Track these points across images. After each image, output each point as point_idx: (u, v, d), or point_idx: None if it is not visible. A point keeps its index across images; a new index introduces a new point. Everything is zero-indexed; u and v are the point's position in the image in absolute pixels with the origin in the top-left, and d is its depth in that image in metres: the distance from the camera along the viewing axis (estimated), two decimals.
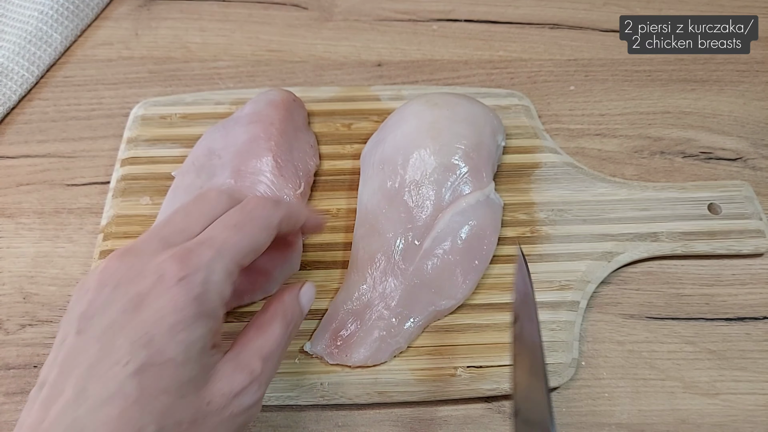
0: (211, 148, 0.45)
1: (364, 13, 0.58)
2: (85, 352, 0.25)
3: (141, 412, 0.24)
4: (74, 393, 0.24)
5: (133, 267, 0.27)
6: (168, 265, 0.26)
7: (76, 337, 0.26)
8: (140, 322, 0.25)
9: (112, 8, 0.58)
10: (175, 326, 0.25)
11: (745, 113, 0.52)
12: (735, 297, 0.43)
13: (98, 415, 0.24)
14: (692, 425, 0.39)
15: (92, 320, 0.26)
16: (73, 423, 0.24)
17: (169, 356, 0.25)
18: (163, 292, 0.26)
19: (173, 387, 0.25)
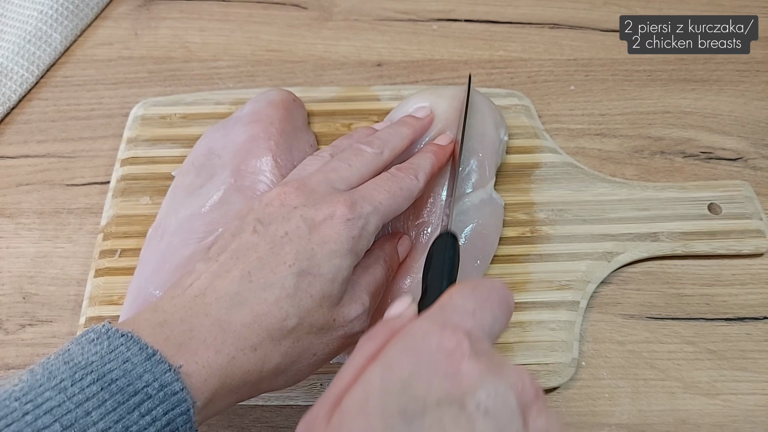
0: (210, 147, 0.45)
1: (364, 13, 0.58)
2: (256, 247, 0.31)
3: (290, 305, 0.30)
4: (240, 274, 0.30)
5: (310, 199, 0.33)
6: (340, 207, 0.32)
7: (251, 234, 0.32)
8: (308, 241, 0.31)
9: (112, 8, 0.58)
10: (334, 252, 0.31)
11: (745, 113, 0.52)
12: (735, 297, 0.43)
13: (258, 294, 0.30)
14: (692, 425, 0.39)
15: (269, 227, 0.32)
16: (235, 295, 0.30)
17: (323, 272, 0.31)
18: (332, 225, 0.32)
19: (318, 296, 0.31)
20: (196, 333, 0.28)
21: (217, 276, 0.30)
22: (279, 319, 0.30)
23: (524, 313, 0.41)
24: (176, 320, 0.29)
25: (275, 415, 0.39)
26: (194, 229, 0.41)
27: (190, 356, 0.28)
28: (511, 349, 0.40)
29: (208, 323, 0.29)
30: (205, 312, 0.29)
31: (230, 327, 0.29)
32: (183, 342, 0.28)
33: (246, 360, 0.29)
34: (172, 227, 0.41)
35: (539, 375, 0.39)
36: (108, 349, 0.27)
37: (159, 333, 0.28)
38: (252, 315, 0.29)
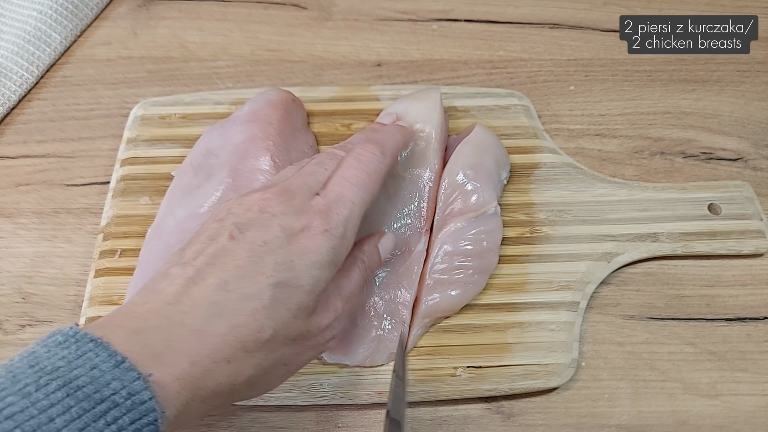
0: (209, 147, 0.45)
1: (363, 13, 0.58)
2: (233, 254, 0.31)
3: (266, 316, 0.30)
4: (217, 283, 0.30)
5: (290, 207, 0.32)
6: (316, 219, 0.32)
7: (228, 240, 0.31)
8: (288, 251, 0.31)
9: (111, 8, 0.58)
10: (314, 263, 0.31)
11: (745, 113, 0.52)
12: (735, 298, 0.43)
13: (235, 305, 0.29)
14: (692, 426, 0.39)
15: (247, 233, 0.31)
16: (212, 305, 0.29)
17: (302, 283, 0.31)
18: (311, 237, 0.32)
19: (295, 308, 0.31)
20: (172, 343, 0.28)
21: (192, 283, 0.30)
22: (254, 331, 0.29)
23: (524, 314, 0.41)
24: (152, 328, 0.28)
25: (274, 415, 0.39)
26: (192, 230, 0.40)
27: (165, 367, 0.27)
28: (511, 350, 0.40)
29: (185, 333, 0.28)
30: (181, 321, 0.28)
31: (206, 338, 0.28)
32: (159, 352, 0.27)
33: (220, 372, 0.28)
34: (170, 227, 0.41)
35: (539, 376, 0.39)
36: (76, 354, 0.26)
37: (133, 341, 0.27)
38: (228, 326, 0.29)
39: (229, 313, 0.29)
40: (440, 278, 0.41)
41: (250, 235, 0.31)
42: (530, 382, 0.39)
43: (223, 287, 0.29)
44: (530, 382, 0.39)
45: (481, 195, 0.42)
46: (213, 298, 0.29)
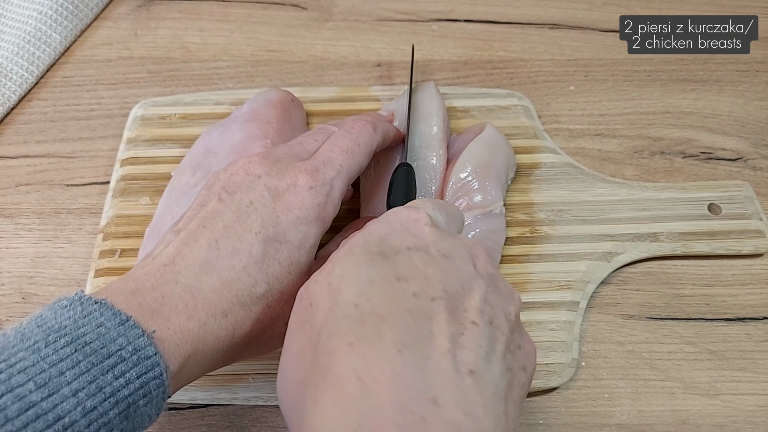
0: (207, 146, 0.45)
1: (363, 14, 0.58)
2: (222, 216, 0.32)
3: (258, 271, 0.31)
4: (208, 242, 0.31)
5: (274, 168, 0.34)
6: (302, 175, 0.33)
7: (218, 203, 0.32)
8: (273, 209, 0.32)
9: (111, 8, 0.58)
10: (299, 219, 0.32)
11: (745, 113, 0.52)
12: (735, 297, 0.43)
13: (226, 261, 0.30)
14: (692, 426, 0.39)
15: (234, 195, 0.32)
16: (204, 263, 0.30)
17: (289, 238, 0.32)
18: (296, 193, 0.33)
19: (286, 262, 0.32)
20: (167, 300, 0.29)
21: (185, 244, 0.31)
22: (248, 285, 0.30)
23: (524, 313, 0.41)
24: (147, 288, 0.29)
25: (275, 415, 0.39)
26: None
27: (162, 322, 0.28)
28: None
29: (179, 290, 0.29)
30: (175, 279, 0.30)
31: (200, 293, 0.30)
32: (155, 309, 0.28)
33: (217, 326, 0.30)
34: (168, 226, 0.41)
35: (539, 375, 0.39)
36: (81, 314, 0.27)
37: (132, 300, 0.28)
38: (221, 281, 0.30)
39: (220, 269, 0.30)
40: None
41: (237, 197, 0.32)
42: None
43: (213, 246, 0.31)
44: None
45: (489, 193, 0.42)
46: (204, 257, 0.30)
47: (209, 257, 0.30)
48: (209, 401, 0.38)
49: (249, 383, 0.38)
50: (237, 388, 0.38)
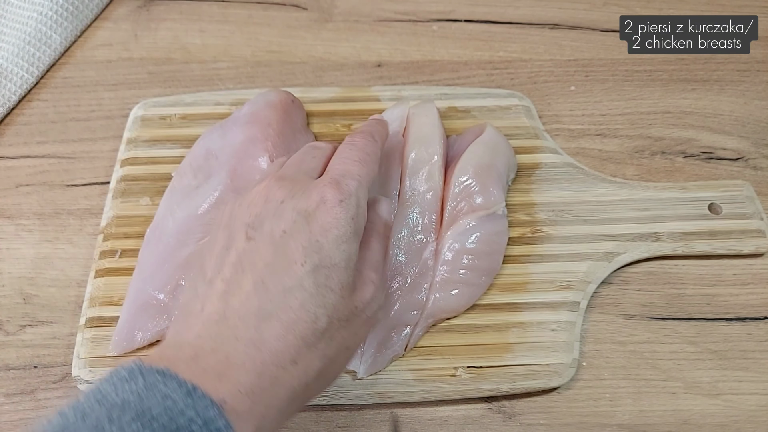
0: (208, 148, 0.45)
1: (363, 14, 0.58)
2: (258, 253, 0.29)
3: (316, 305, 0.29)
4: (254, 286, 0.29)
5: (295, 188, 0.31)
6: (327, 190, 0.31)
7: (246, 241, 0.30)
8: (310, 233, 0.30)
9: (111, 9, 0.58)
10: (339, 238, 0.30)
11: (745, 113, 0.52)
12: (736, 297, 0.43)
13: (281, 303, 0.28)
14: (694, 426, 0.39)
15: (262, 228, 0.30)
16: (259, 310, 0.28)
17: (335, 261, 0.30)
18: (328, 210, 0.30)
19: (337, 288, 0.29)
20: (232, 360, 0.27)
21: (229, 294, 0.29)
22: (310, 323, 0.28)
23: (525, 314, 0.41)
24: (207, 351, 0.27)
25: None
26: (191, 230, 0.41)
27: (232, 386, 0.26)
28: (512, 349, 0.40)
29: (242, 347, 0.27)
30: (235, 335, 0.27)
31: (265, 345, 0.27)
32: (222, 372, 0.26)
33: (289, 376, 0.28)
34: (170, 228, 0.41)
35: (540, 375, 0.39)
36: (144, 387, 0.25)
37: (194, 367, 0.26)
38: (282, 326, 0.28)
39: (278, 313, 0.28)
40: (448, 277, 0.40)
41: (266, 229, 0.30)
42: (531, 382, 0.39)
43: (261, 289, 0.28)
44: (531, 382, 0.39)
45: (492, 194, 0.42)
46: (257, 303, 0.28)
47: (262, 303, 0.28)
48: None
49: None
50: None
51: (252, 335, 0.28)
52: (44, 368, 0.40)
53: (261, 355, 0.27)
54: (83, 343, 0.40)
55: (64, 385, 0.40)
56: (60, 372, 0.40)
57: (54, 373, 0.40)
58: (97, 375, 0.38)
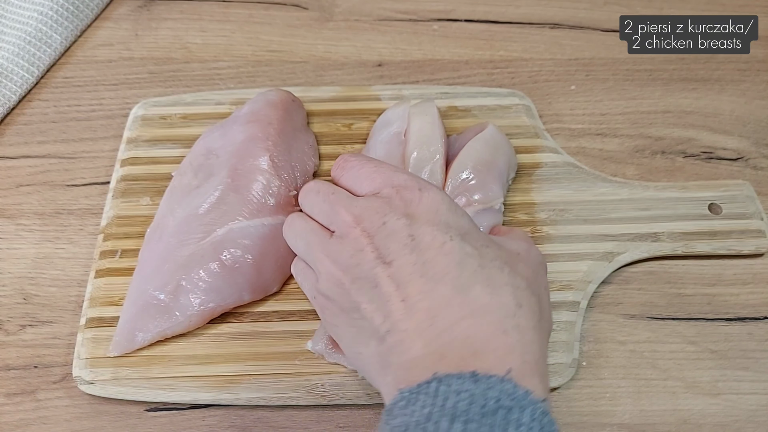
0: (209, 147, 0.45)
1: (364, 13, 0.58)
2: (408, 263, 0.30)
3: (489, 260, 0.31)
4: (427, 282, 0.29)
5: (380, 211, 0.32)
6: (401, 193, 0.32)
7: (390, 268, 0.30)
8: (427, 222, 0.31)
9: (112, 9, 0.58)
10: (450, 209, 0.32)
11: (746, 112, 0.52)
12: (736, 297, 0.43)
13: (464, 275, 0.30)
14: (694, 425, 0.39)
15: (389, 249, 0.31)
16: (453, 291, 0.29)
17: (466, 227, 0.32)
18: (420, 202, 0.32)
19: (486, 242, 0.32)
20: (472, 337, 0.28)
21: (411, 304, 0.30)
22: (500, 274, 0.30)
23: None
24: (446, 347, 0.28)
25: (276, 415, 0.39)
26: (192, 230, 0.41)
27: (494, 356, 0.27)
28: None
29: (469, 322, 0.28)
30: (454, 321, 0.29)
31: (485, 308, 0.29)
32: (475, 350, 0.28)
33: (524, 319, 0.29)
34: (170, 228, 0.41)
35: None
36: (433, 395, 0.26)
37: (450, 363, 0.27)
38: (482, 287, 0.29)
39: (466, 281, 0.30)
40: None
41: (393, 246, 0.31)
42: None
43: (435, 278, 0.30)
44: None
45: (491, 189, 0.42)
46: (444, 290, 0.29)
47: (447, 286, 0.29)
48: (211, 401, 0.38)
49: (251, 383, 0.38)
50: (239, 389, 0.38)
51: (465, 310, 0.29)
52: (45, 368, 0.40)
53: (491, 316, 0.28)
54: (84, 344, 0.40)
55: (64, 386, 0.40)
56: (60, 372, 0.40)
57: (54, 373, 0.40)
58: (98, 375, 0.38)
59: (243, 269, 0.40)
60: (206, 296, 0.39)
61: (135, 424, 0.39)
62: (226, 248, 0.40)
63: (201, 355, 0.39)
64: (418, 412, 0.26)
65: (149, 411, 0.39)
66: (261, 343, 0.40)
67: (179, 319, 0.39)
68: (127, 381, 0.38)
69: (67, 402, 0.39)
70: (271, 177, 0.42)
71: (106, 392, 0.38)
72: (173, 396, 0.38)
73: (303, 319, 0.41)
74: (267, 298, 0.41)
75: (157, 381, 0.38)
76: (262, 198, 0.41)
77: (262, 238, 0.40)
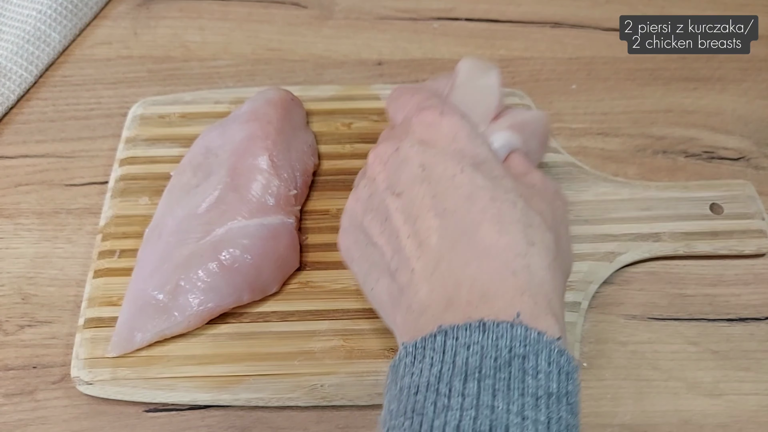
0: (208, 146, 0.44)
1: (364, 12, 0.58)
2: (418, 195, 0.29)
3: (503, 192, 0.29)
4: (439, 218, 0.28)
5: (396, 137, 0.32)
6: (422, 116, 0.31)
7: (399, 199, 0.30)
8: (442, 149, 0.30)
9: (111, 7, 0.58)
10: (468, 137, 0.31)
11: (747, 112, 0.51)
12: (738, 297, 0.43)
13: (473, 210, 0.28)
14: (695, 426, 0.39)
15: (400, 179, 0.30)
16: (463, 230, 0.27)
17: (483, 156, 0.30)
18: (439, 126, 0.31)
19: (502, 173, 0.30)
20: (483, 278, 0.27)
21: (424, 242, 0.28)
22: (511, 205, 0.29)
23: None
24: (453, 291, 0.27)
25: (276, 416, 0.39)
26: (191, 229, 0.40)
27: (504, 299, 0.26)
28: None
29: (479, 263, 0.27)
30: (464, 261, 0.27)
31: (494, 248, 0.27)
32: (484, 292, 0.26)
33: (538, 257, 0.28)
34: (169, 227, 0.41)
35: None
36: (441, 350, 0.25)
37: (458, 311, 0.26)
38: (493, 225, 0.28)
39: (480, 218, 0.28)
40: None
41: (405, 176, 0.30)
42: None
43: (447, 214, 0.28)
44: None
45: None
46: (455, 225, 0.28)
47: (458, 222, 0.28)
48: (210, 402, 0.38)
49: (250, 384, 0.38)
50: (238, 389, 0.38)
51: (472, 252, 0.27)
52: (43, 368, 0.40)
53: (499, 257, 0.27)
54: (82, 344, 0.39)
55: (63, 386, 0.39)
56: (59, 372, 0.40)
57: (53, 373, 0.40)
58: (97, 376, 0.38)
59: (242, 269, 0.39)
60: (205, 296, 0.39)
61: (134, 424, 0.38)
62: (225, 248, 0.40)
63: (200, 356, 0.39)
64: (427, 371, 0.25)
65: (148, 411, 0.39)
66: (260, 344, 0.40)
67: (178, 319, 0.39)
68: (125, 381, 0.38)
69: (66, 402, 0.39)
70: (270, 176, 0.42)
71: (105, 393, 0.38)
72: (172, 396, 0.38)
73: (302, 319, 0.41)
74: (266, 299, 0.41)
75: (156, 381, 0.38)
76: (261, 197, 0.41)
77: (261, 237, 0.40)
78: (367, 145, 0.48)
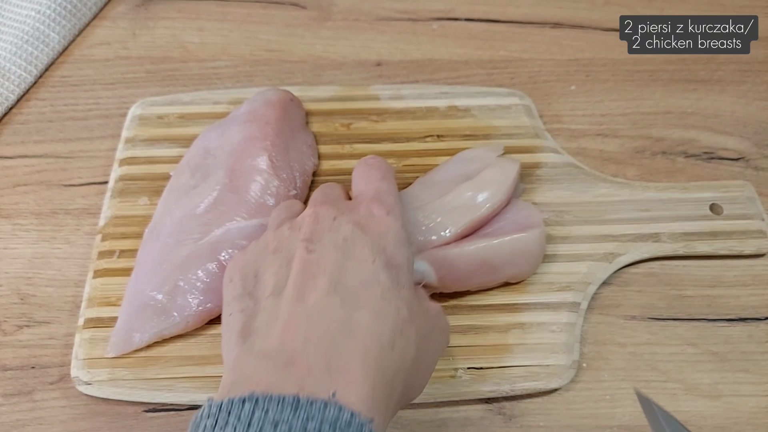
0: (206, 147, 0.44)
1: (363, 13, 0.57)
2: (326, 259, 0.30)
3: (396, 297, 0.29)
4: (330, 285, 0.29)
5: (341, 209, 0.33)
6: (372, 205, 0.33)
7: (308, 254, 0.30)
8: (370, 238, 0.31)
9: (110, 8, 0.58)
10: (398, 242, 0.32)
11: (747, 113, 0.51)
12: (737, 298, 0.43)
13: (364, 295, 0.29)
14: (694, 427, 0.39)
15: (321, 241, 0.31)
16: (343, 303, 0.28)
17: (399, 262, 0.31)
18: (379, 221, 0.32)
19: (407, 285, 0.30)
20: (332, 354, 0.27)
21: (303, 298, 0.28)
22: (394, 313, 0.29)
23: (524, 315, 0.41)
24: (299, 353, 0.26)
25: None
26: (190, 230, 0.40)
27: (342, 378, 0.26)
28: (512, 351, 0.40)
29: (338, 339, 0.27)
30: (326, 330, 0.27)
31: (359, 333, 0.27)
32: (327, 366, 0.26)
33: (390, 361, 0.27)
34: (168, 228, 0.41)
35: (540, 377, 0.39)
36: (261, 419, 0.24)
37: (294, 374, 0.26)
38: (371, 314, 0.28)
39: (363, 303, 0.28)
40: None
41: (326, 241, 0.31)
42: (531, 383, 0.39)
43: (338, 286, 0.29)
44: (531, 384, 0.39)
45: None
46: (337, 299, 0.28)
47: (345, 296, 0.28)
48: None
49: None
50: None
51: (345, 326, 0.27)
52: (42, 369, 0.40)
53: (363, 339, 0.27)
54: (81, 344, 0.39)
55: (61, 386, 0.39)
56: (58, 373, 0.40)
57: (51, 373, 0.40)
58: (95, 376, 0.38)
59: None
60: (204, 297, 0.39)
61: (132, 425, 0.38)
62: (224, 249, 0.39)
63: (198, 356, 0.39)
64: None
65: (147, 412, 0.39)
66: None
67: (176, 319, 0.39)
68: (124, 382, 0.38)
69: (64, 403, 0.39)
70: (269, 177, 0.42)
71: (104, 393, 0.38)
72: (171, 397, 0.38)
73: None
74: None
75: (154, 382, 0.38)
76: (260, 198, 0.41)
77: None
78: (367, 146, 0.48)
